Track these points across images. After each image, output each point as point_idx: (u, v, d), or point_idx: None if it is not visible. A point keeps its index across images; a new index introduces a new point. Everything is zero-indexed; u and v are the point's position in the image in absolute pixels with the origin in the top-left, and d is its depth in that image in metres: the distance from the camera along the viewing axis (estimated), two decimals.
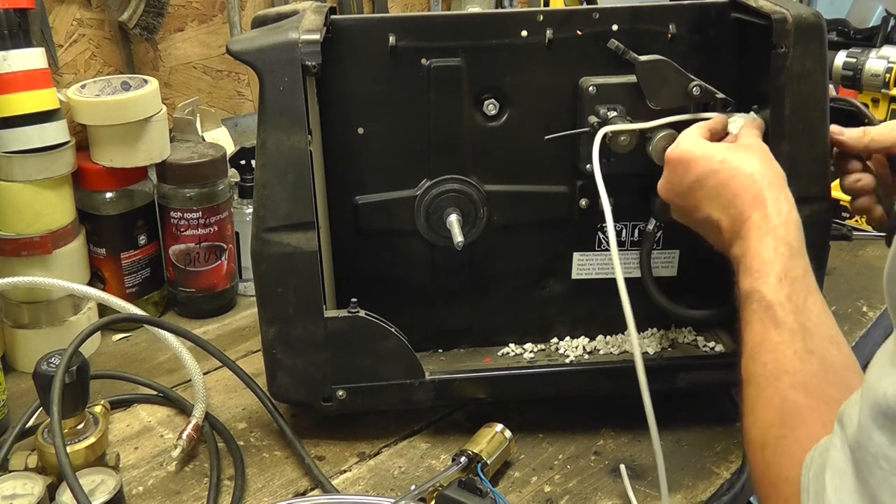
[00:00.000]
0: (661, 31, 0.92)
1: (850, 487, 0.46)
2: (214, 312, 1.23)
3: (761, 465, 0.61)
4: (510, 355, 1.01)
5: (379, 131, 0.93)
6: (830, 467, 0.49)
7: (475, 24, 0.92)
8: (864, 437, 0.45)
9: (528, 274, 1.01)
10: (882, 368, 0.47)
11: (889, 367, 0.46)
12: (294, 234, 0.86)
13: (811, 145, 0.87)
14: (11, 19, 1.01)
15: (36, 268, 1.07)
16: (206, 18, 1.36)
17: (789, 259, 0.69)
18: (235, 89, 1.42)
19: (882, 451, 0.44)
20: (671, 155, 0.81)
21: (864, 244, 1.42)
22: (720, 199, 0.76)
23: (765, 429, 0.62)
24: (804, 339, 0.64)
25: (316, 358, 0.90)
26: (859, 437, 0.46)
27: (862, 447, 0.46)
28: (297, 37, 0.83)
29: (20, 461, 0.85)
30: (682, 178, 0.79)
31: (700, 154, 0.78)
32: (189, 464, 0.92)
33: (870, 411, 0.45)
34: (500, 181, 0.96)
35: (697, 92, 0.88)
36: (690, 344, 1.02)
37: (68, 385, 0.80)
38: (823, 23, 0.86)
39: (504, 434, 0.90)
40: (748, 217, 0.72)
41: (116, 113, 1.10)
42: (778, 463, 0.59)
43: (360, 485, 0.89)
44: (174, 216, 1.17)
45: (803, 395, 0.61)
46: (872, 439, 0.45)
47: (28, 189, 1.05)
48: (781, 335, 0.65)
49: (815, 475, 0.51)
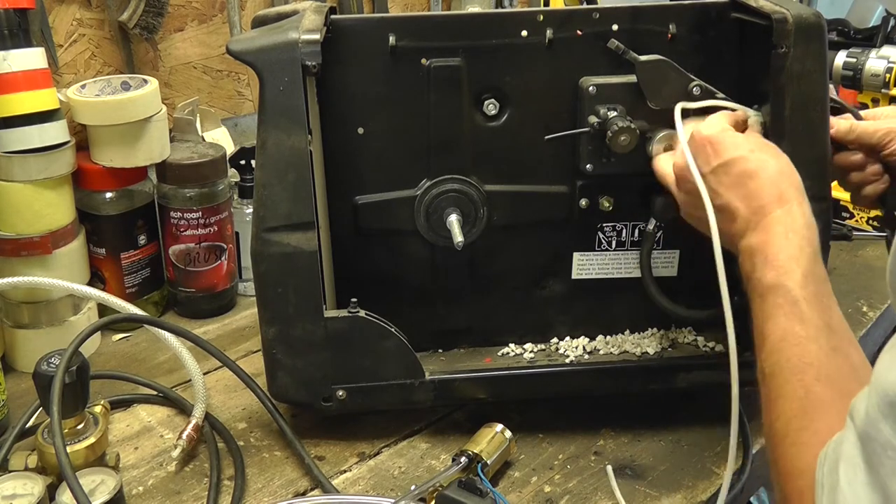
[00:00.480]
0: (661, 31, 0.92)
1: (862, 479, 0.47)
2: (214, 312, 1.23)
3: (781, 457, 0.61)
4: (510, 355, 1.01)
5: (379, 131, 0.93)
6: (844, 460, 0.49)
7: (475, 24, 0.92)
8: (873, 428, 0.46)
9: (528, 274, 1.01)
10: (891, 360, 0.47)
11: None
12: (294, 234, 0.86)
13: (811, 145, 0.87)
14: (11, 19, 1.01)
15: (36, 268, 1.07)
16: (206, 18, 1.36)
17: (814, 260, 0.69)
18: (235, 89, 1.42)
19: (890, 440, 0.45)
20: (701, 135, 0.79)
21: (864, 244, 1.42)
22: (744, 188, 0.75)
23: (787, 420, 0.62)
24: (828, 337, 0.65)
25: (316, 358, 0.90)
26: (868, 428, 0.47)
27: (871, 438, 0.46)
28: (297, 37, 0.83)
29: (20, 461, 0.85)
30: (708, 158, 0.77)
31: (731, 140, 0.77)
32: (189, 464, 0.92)
33: (878, 402, 0.46)
34: (500, 181, 0.96)
35: (697, 92, 0.88)
36: (690, 344, 1.02)
37: (68, 385, 0.80)
38: (824, 23, 0.86)
39: (504, 434, 0.90)
40: (771, 212, 0.72)
41: (116, 113, 1.10)
42: (796, 454, 0.59)
43: (360, 485, 0.89)
44: (174, 216, 1.17)
45: (827, 388, 0.61)
46: (881, 430, 0.45)
47: (28, 189, 1.05)
48: (807, 330, 0.65)
49: (830, 470, 0.51)
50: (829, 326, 0.66)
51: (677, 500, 0.87)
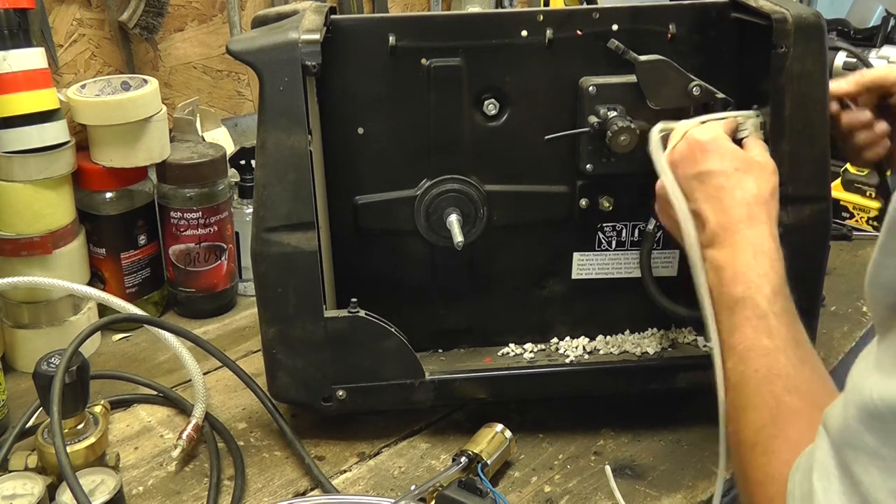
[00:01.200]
0: (661, 31, 0.92)
1: (837, 488, 0.47)
2: (214, 312, 1.23)
3: (750, 466, 0.62)
4: (510, 355, 1.01)
5: (379, 131, 0.93)
6: (818, 469, 0.49)
7: (475, 24, 0.92)
8: (855, 439, 0.46)
9: (528, 274, 1.01)
10: (866, 370, 0.47)
11: (873, 370, 0.46)
12: (294, 234, 0.86)
13: (811, 145, 0.87)
14: (11, 19, 1.01)
15: (36, 268, 1.07)
16: (206, 18, 1.36)
17: (782, 279, 0.71)
18: (235, 89, 1.42)
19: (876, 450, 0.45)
20: (699, 138, 0.79)
21: (864, 244, 1.42)
22: (718, 202, 0.76)
23: (757, 429, 0.63)
24: (796, 349, 0.66)
25: (316, 358, 0.90)
26: (847, 438, 0.47)
27: (854, 448, 0.46)
28: (297, 37, 0.83)
29: (20, 461, 0.85)
30: (695, 162, 0.78)
31: (720, 152, 0.78)
32: (189, 464, 0.92)
33: (856, 413, 0.46)
34: (500, 181, 0.96)
35: (697, 92, 0.88)
36: (690, 344, 1.02)
37: (68, 385, 0.80)
38: (823, 23, 0.86)
39: (504, 434, 0.90)
40: (739, 230, 0.74)
41: (116, 113, 1.10)
42: (767, 462, 0.59)
43: (360, 485, 0.89)
44: (174, 216, 1.17)
45: (797, 399, 0.62)
46: (865, 440, 0.45)
47: (28, 189, 1.05)
48: (775, 342, 0.66)
49: (802, 479, 0.52)
50: (796, 340, 0.67)
51: (677, 500, 0.87)
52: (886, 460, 0.43)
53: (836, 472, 0.47)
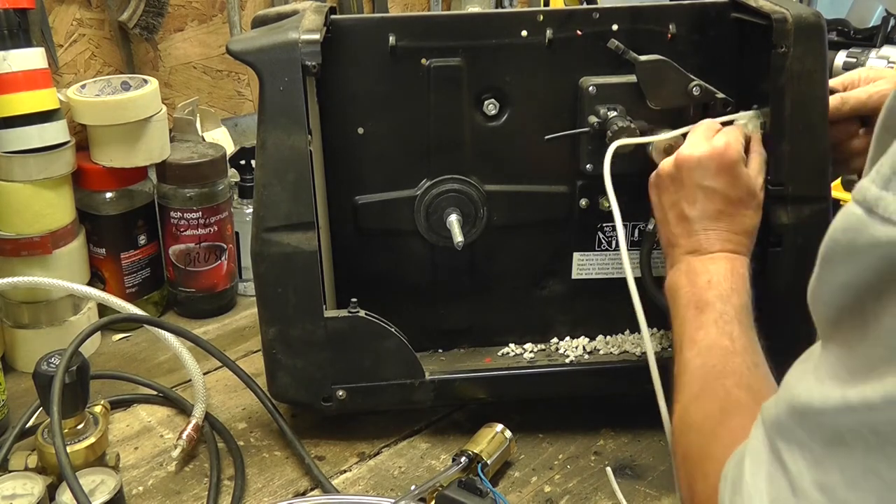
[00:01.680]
0: (661, 31, 0.92)
1: (765, 473, 0.49)
2: (214, 312, 1.23)
3: (691, 447, 0.65)
4: (510, 355, 1.01)
5: (379, 131, 0.93)
6: (749, 455, 0.52)
7: (475, 24, 0.92)
8: (787, 432, 0.48)
9: (528, 274, 1.01)
10: (804, 372, 0.49)
11: (810, 373, 0.48)
12: (294, 234, 0.86)
13: (811, 145, 0.87)
14: (11, 19, 1.01)
15: (36, 268, 1.07)
16: (206, 18, 1.36)
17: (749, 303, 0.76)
18: (235, 89, 1.42)
19: (805, 443, 0.47)
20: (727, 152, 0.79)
21: None
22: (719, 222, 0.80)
23: (705, 415, 0.67)
24: (752, 355, 0.71)
25: (316, 358, 0.90)
26: (781, 431, 0.49)
27: (786, 439, 0.48)
28: (297, 37, 0.83)
29: (20, 461, 0.85)
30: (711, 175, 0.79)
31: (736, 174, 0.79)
32: (189, 464, 0.92)
33: (789, 410, 0.48)
34: (500, 181, 0.96)
35: (697, 92, 0.88)
36: None
37: (68, 385, 0.80)
38: (823, 23, 0.86)
39: (504, 434, 0.90)
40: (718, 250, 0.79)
41: (116, 113, 1.10)
42: (706, 443, 0.63)
43: (360, 485, 0.89)
44: (174, 216, 1.17)
45: (746, 395, 0.66)
46: (796, 434, 0.47)
47: (28, 189, 1.05)
48: (735, 346, 0.71)
49: (735, 464, 0.54)
50: (754, 350, 0.72)
51: (677, 500, 0.87)
52: (815, 453, 0.46)
53: (766, 459, 0.50)
